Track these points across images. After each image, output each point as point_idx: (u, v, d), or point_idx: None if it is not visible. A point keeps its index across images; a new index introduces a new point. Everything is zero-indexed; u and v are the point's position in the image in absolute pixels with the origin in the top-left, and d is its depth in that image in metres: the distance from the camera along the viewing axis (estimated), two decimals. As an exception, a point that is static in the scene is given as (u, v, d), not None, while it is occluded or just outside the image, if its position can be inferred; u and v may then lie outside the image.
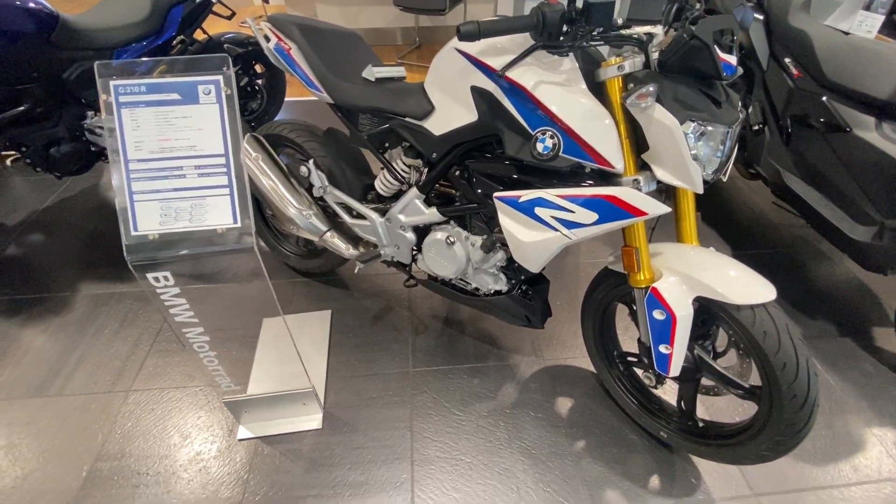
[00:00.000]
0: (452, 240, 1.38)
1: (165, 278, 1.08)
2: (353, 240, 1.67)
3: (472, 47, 1.14)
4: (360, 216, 1.60)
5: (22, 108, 1.96)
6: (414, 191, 1.41)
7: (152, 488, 1.36)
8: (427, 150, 1.32)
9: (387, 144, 1.48)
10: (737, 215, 2.42)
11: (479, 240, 1.36)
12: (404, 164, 1.46)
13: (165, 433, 1.49)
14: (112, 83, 0.99)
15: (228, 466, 1.41)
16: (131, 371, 1.67)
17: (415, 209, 1.43)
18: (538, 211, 1.11)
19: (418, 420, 1.52)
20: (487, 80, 1.12)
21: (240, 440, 1.47)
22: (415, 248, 1.52)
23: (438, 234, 1.40)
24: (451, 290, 1.52)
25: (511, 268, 1.41)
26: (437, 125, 1.27)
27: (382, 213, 1.55)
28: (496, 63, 1.09)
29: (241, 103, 2.79)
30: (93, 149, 2.21)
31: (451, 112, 1.23)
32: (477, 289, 1.48)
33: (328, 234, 1.64)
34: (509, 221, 1.18)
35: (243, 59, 2.63)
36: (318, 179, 1.57)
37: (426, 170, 1.41)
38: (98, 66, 0.98)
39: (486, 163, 1.24)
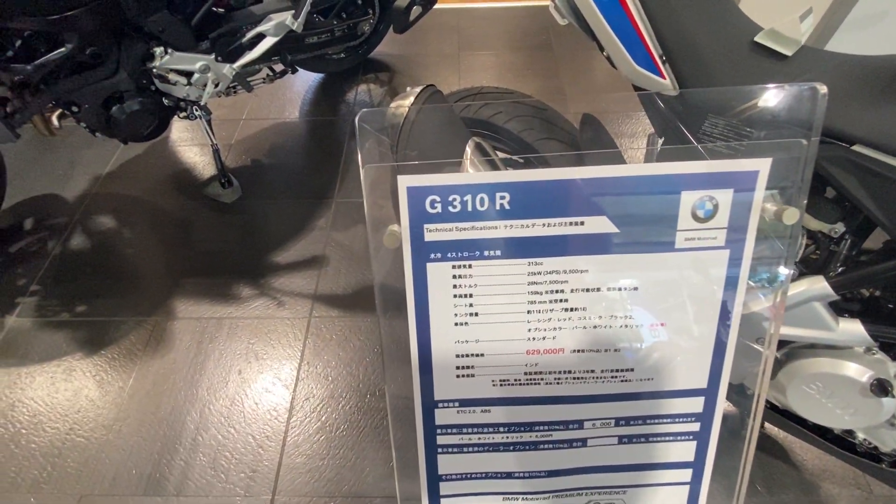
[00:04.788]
0: (887, 385, 0.73)
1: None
2: None
3: None
4: None
5: (65, 48, 1.29)
6: (819, 284, 0.73)
7: None
8: None
9: None
10: None
11: None
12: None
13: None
14: (408, 183, 0.42)
15: None
16: (268, 472, 1.20)
17: (810, 317, 0.76)
18: None
19: None
20: None
21: None
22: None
23: (847, 369, 0.76)
24: (818, 439, 0.90)
25: None
26: None
27: None
28: None
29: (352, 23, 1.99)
30: (166, 102, 1.55)
31: None
32: (876, 448, 0.86)
33: None
34: None
35: None
36: None
37: (847, 245, 0.73)
38: (363, 116, 0.36)
39: None
